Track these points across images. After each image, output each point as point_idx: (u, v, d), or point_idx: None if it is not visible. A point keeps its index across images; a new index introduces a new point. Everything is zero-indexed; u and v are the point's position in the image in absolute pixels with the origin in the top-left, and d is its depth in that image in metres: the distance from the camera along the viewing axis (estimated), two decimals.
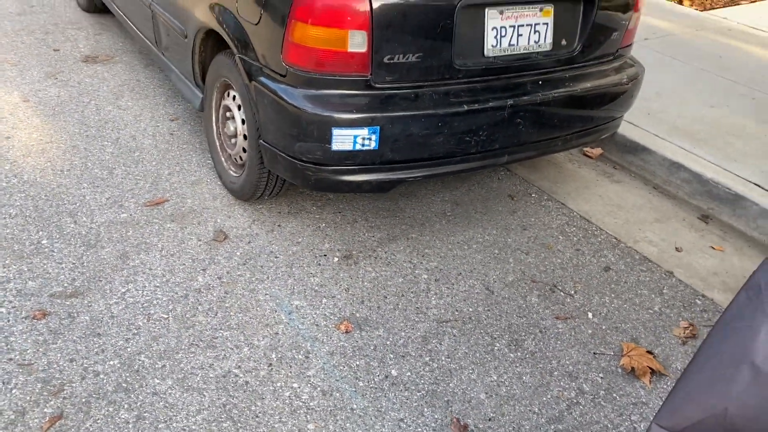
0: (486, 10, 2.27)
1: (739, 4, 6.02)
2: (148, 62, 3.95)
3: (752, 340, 1.01)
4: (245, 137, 2.54)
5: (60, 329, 2.02)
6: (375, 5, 2.06)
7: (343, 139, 2.14)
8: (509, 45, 2.37)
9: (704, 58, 4.57)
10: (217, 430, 1.76)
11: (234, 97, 2.57)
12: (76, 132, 3.12)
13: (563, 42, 2.52)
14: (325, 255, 2.48)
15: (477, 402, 1.94)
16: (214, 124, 2.79)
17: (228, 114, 2.63)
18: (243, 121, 2.53)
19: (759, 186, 3.01)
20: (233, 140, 2.65)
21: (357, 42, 2.09)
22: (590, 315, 2.34)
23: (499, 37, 2.33)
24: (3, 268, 2.24)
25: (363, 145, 2.17)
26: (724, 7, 5.92)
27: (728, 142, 3.39)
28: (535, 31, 2.42)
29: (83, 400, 1.80)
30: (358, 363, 2.02)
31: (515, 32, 2.37)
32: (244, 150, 2.58)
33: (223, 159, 2.78)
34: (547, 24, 2.44)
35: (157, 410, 1.80)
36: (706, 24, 5.35)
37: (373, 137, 2.17)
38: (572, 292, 2.44)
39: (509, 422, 1.89)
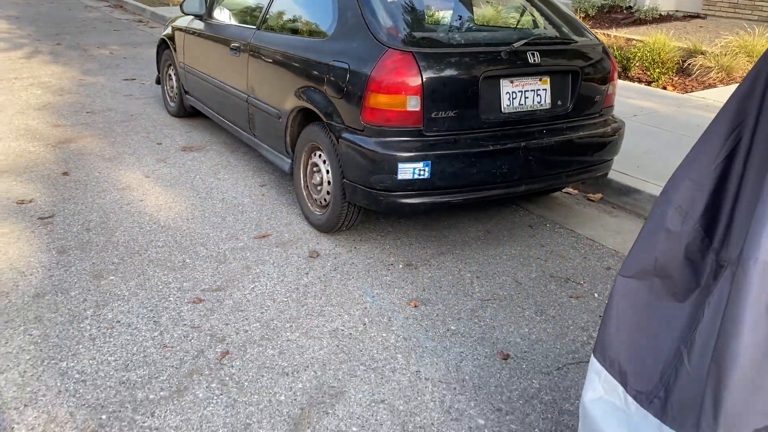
0: (500, 80, 3.24)
1: (716, 87, 7.05)
2: (233, 149, 4.98)
3: (663, 217, 1.82)
4: (329, 183, 3.45)
5: (214, 308, 2.85)
6: (425, 79, 3.03)
7: (405, 171, 3.04)
8: (519, 104, 3.31)
9: (684, 127, 5.51)
10: (336, 359, 2.53)
11: (320, 155, 3.51)
12: (191, 195, 4.07)
13: (559, 102, 3.46)
14: (392, 264, 3.31)
15: (514, 343, 2.69)
16: (302, 179, 3.72)
17: (315, 168, 3.57)
18: (327, 171, 3.45)
19: None
20: (319, 188, 3.56)
21: (413, 104, 3.05)
22: (596, 295, 3.10)
23: (511, 98, 3.28)
24: (163, 276, 3.10)
25: (419, 175, 3.06)
26: (703, 89, 6.94)
27: None
28: (537, 95, 3.37)
29: (240, 344, 2.60)
30: (426, 323, 2.80)
31: (523, 95, 3.32)
32: (328, 193, 3.48)
33: (309, 204, 3.69)
34: (546, 89, 3.39)
35: (292, 348, 2.59)
36: (686, 103, 6.34)
37: (426, 169, 3.06)
38: (582, 282, 3.21)
39: (539, 353, 2.63)
